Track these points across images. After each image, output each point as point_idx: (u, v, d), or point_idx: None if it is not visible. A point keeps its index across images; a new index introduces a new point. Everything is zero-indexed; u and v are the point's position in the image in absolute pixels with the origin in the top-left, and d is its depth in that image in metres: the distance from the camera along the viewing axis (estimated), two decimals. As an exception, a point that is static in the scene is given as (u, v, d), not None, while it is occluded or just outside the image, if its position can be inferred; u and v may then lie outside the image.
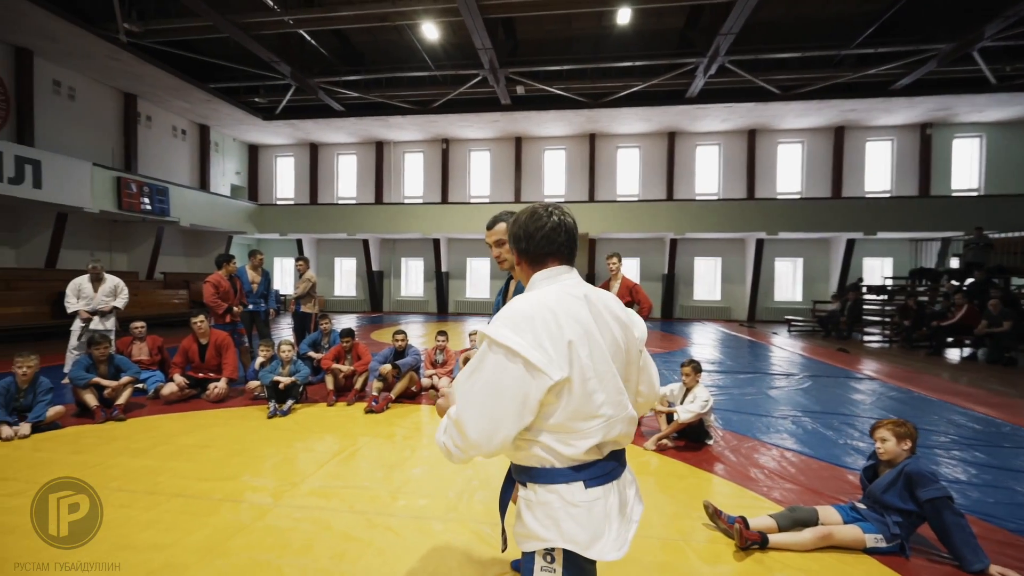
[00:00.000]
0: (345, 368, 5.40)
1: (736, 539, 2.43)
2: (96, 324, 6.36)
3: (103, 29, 11.15)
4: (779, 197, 17.02)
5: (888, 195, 16.63)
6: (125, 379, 4.76)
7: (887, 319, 12.27)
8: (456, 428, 1.12)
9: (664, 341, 11.21)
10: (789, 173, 17.45)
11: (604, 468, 1.18)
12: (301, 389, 5.09)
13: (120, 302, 6.54)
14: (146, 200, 13.22)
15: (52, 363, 6.64)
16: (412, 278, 20.09)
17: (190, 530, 2.57)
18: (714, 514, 2.62)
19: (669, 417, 4.06)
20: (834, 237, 16.46)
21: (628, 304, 5.23)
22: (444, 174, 19.11)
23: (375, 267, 19.07)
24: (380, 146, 19.49)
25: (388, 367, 5.17)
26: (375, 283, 19.11)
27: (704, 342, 11.35)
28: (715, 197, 17.64)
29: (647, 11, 11.96)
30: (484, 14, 10.77)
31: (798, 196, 17.15)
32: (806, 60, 13.34)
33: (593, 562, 1.20)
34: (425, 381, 5.72)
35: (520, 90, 14.68)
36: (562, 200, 18.19)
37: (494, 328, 1.13)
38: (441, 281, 18.72)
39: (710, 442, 4.05)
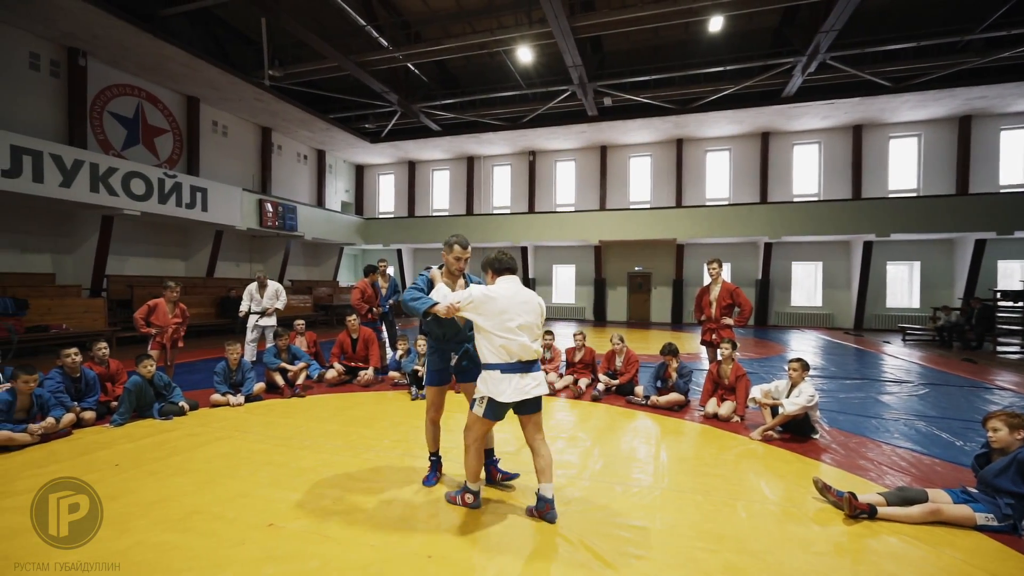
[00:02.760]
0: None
1: (845, 508, 2.77)
2: (263, 321, 7.82)
3: (252, 76, 13.30)
4: (891, 196, 15.77)
5: (1027, 189, 14.80)
6: (301, 364, 5.93)
7: (1026, 328, 11.02)
8: (452, 303, 2.74)
9: (759, 347, 11.02)
10: (902, 169, 16.12)
11: (509, 367, 2.66)
12: (433, 378, 5.96)
13: (280, 303, 7.96)
14: (280, 218, 15.39)
15: (218, 355, 8.19)
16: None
17: (402, 477, 3.39)
18: (823, 488, 2.96)
19: (774, 412, 4.34)
20: (959, 238, 14.95)
21: (729, 306, 5.55)
22: (531, 185, 19.96)
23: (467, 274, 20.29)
24: (471, 161, 20.80)
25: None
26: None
27: (804, 348, 10.98)
28: (815, 198, 16.75)
29: (738, 14, 11.90)
30: (576, 34, 11.40)
31: (913, 194, 15.79)
32: (921, 49, 12.43)
33: (504, 407, 2.71)
34: (535, 375, 6.38)
35: (607, 101, 15.11)
36: (648, 206, 18.26)
37: (479, 288, 2.78)
38: (528, 287, 19.43)
39: (816, 436, 4.27)
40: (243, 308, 7.83)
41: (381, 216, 22.00)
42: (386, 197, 22.59)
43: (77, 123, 11.43)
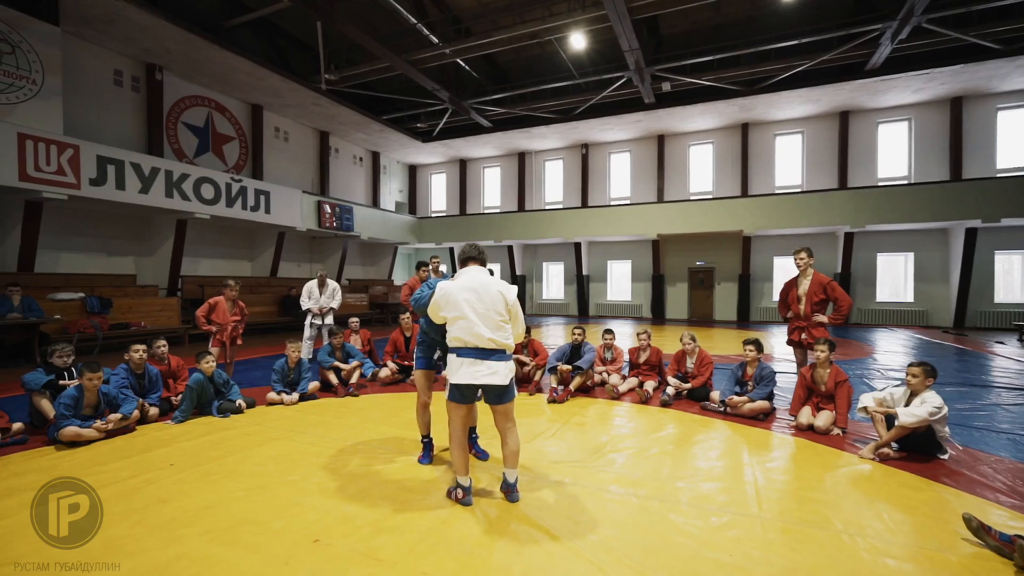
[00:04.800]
0: (525, 358, 5.89)
1: (1017, 558, 2.17)
2: (319, 320, 7.84)
3: (310, 82, 13.66)
4: (1000, 176, 13.85)
5: None
6: (355, 363, 5.83)
7: None
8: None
9: (842, 348, 9.92)
10: (1014, 145, 14.12)
11: (464, 351, 2.76)
12: (488, 378, 5.69)
13: (336, 303, 7.97)
14: (337, 219, 15.78)
15: (279, 352, 8.30)
16: (553, 281, 20.68)
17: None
18: (979, 528, 2.35)
19: (889, 425, 3.68)
20: (1087, 221, 12.90)
21: (822, 301, 4.85)
22: (584, 178, 19.36)
23: (519, 271, 20.06)
24: (522, 156, 20.49)
25: (566, 367, 5.51)
26: (519, 286, 20.03)
27: (894, 349, 9.78)
28: (904, 181, 15.06)
29: (816, -19, 10.80)
30: (632, 16, 10.76)
31: (1028, 173, 13.80)
32: (1040, 4, 10.75)
33: (469, 390, 2.83)
34: (597, 377, 5.94)
35: (666, 86, 14.28)
36: (710, 197, 17.17)
37: (445, 283, 2.94)
38: (582, 284, 18.96)
39: (944, 456, 3.57)
40: (307, 305, 7.86)
41: (433, 215, 22.17)
42: (438, 196, 22.75)
43: (155, 133, 12.16)
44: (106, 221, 11.26)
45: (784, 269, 16.35)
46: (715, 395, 4.98)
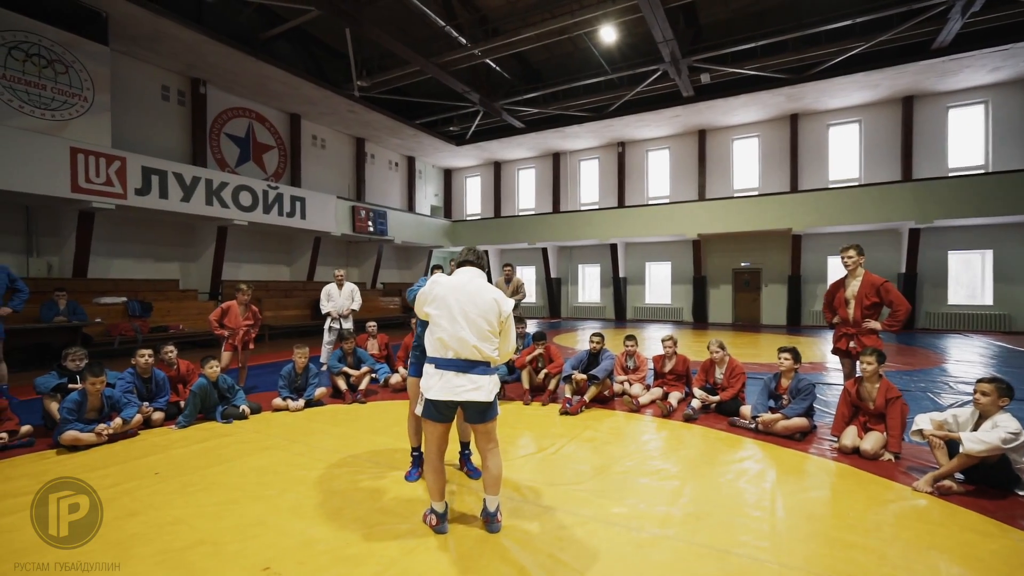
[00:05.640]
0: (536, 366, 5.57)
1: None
2: (338, 323, 7.82)
3: (344, 89, 13.91)
4: (1096, 162, 12.19)
5: None
6: (365, 369, 5.70)
7: None
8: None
9: (905, 357, 8.93)
10: (1114, 127, 12.40)
11: (443, 362, 2.45)
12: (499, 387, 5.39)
13: (355, 305, 7.92)
14: (371, 223, 15.99)
15: (312, 354, 8.36)
16: (589, 284, 20.14)
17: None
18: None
19: (951, 451, 3.10)
20: None
21: (875, 305, 4.25)
22: (620, 178, 18.75)
23: (553, 274, 19.66)
24: (557, 157, 20.11)
25: (582, 376, 5.14)
26: (553, 290, 19.69)
27: (968, 358, 8.68)
28: (980, 170, 13.55)
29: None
30: (665, 5, 10.22)
31: None
32: None
33: (447, 407, 2.50)
34: (617, 387, 5.53)
35: (705, 78, 13.53)
36: (756, 193, 16.15)
37: (438, 276, 2.74)
38: (618, 287, 18.33)
39: (1022, 492, 2.96)
40: (326, 308, 7.87)
41: (468, 218, 22.15)
42: (473, 199, 22.74)
43: (199, 145, 12.72)
44: (153, 229, 11.84)
45: (840, 270, 15.08)
46: (745, 410, 4.47)
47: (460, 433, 3.44)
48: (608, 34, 11.86)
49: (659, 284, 18.57)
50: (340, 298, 7.67)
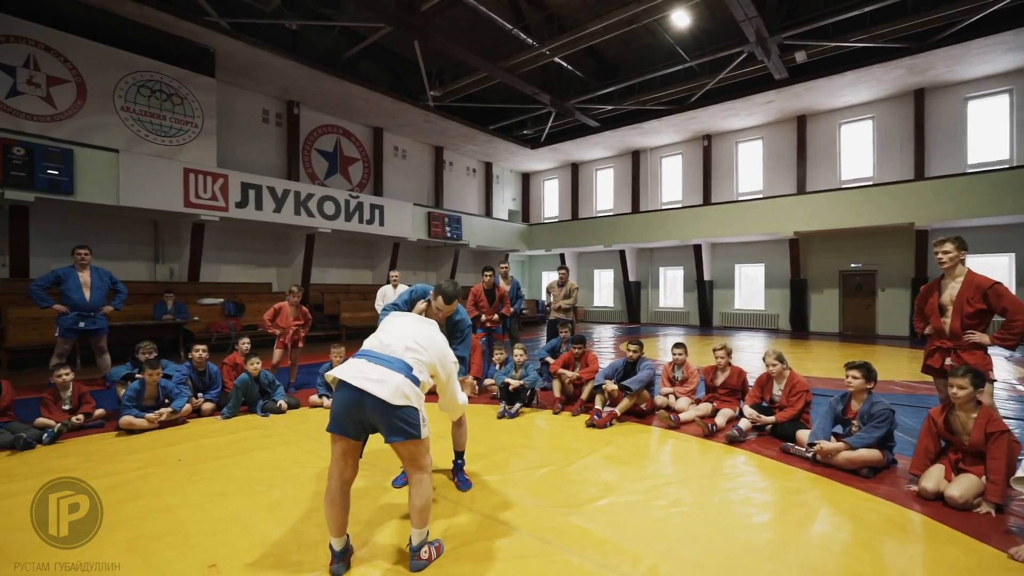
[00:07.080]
0: (570, 374, 5.20)
1: None
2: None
3: (419, 101, 14.52)
4: None
5: None
6: (401, 370, 5.76)
7: None
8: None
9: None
10: None
11: (364, 351, 2.32)
12: (529, 393, 5.14)
13: (413, 308, 8.10)
14: (447, 229, 16.48)
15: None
16: (670, 288, 18.93)
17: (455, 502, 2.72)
18: None
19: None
20: None
21: (980, 313, 3.36)
22: (706, 173, 17.39)
23: (632, 277, 18.77)
24: (636, 155, 19.22)
25: (613, 386, 4.71)
26: (632, 293, 18.79)
27: None
28: None
29: None
30: (743, -23, 9.24)
31: None
32: None
33: (349, 415, 2.14)
34: (659, 399, 4.99)
35: (800, 56, 12.04)
36: (871, 183, 14.00)
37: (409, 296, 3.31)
38: (703, 291, 16.96)
39: None
40: (378, 307, 8.20)
41: (545, 221, 21.98)
42: (551, 202, 22.54)
43: (293, 160, 14.05)
44: (253, 237, 13.26)
45: (977, 269, 12.53)
46: (802, 435, 3.75)
47: (455, 443, 3.29)
48: (680, 18, 11.04)
49: (751, 288, 16.88)
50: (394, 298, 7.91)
